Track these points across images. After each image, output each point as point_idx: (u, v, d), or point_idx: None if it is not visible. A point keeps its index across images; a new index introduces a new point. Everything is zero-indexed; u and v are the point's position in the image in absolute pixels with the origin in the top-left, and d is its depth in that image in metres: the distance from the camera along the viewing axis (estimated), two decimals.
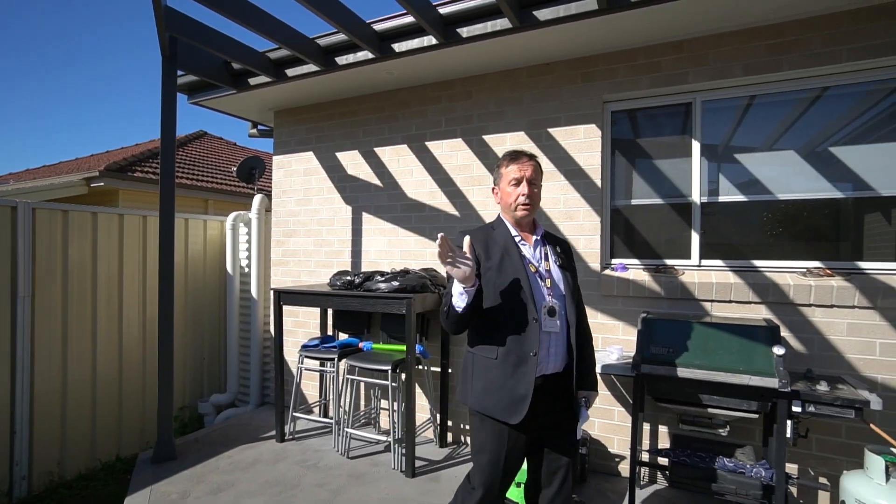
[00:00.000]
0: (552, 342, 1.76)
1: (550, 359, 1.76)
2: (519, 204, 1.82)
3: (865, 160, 2.80)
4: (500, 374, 1.73)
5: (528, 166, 1.84)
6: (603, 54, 3.24)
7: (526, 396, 1.68)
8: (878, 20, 2.61)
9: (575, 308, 1.84)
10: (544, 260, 1.86)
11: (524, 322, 1.72)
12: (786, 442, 2.35)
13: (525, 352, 1.71)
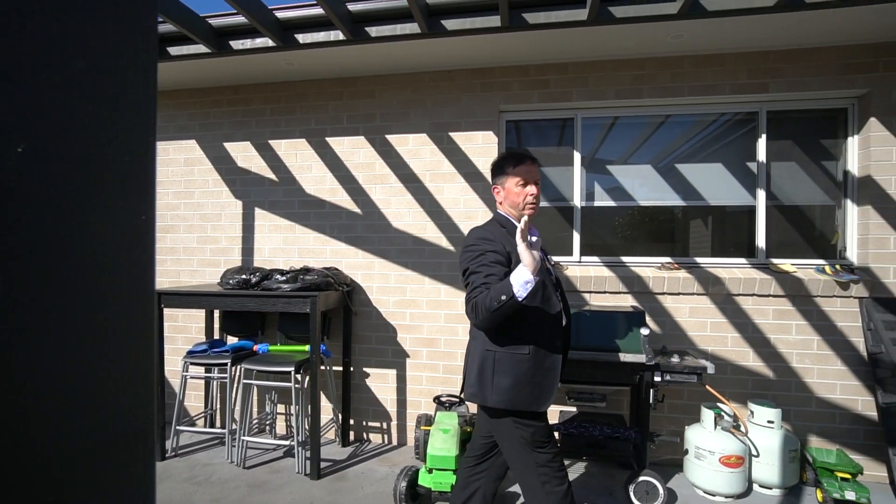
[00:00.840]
0: (562, 340, 1.96)
1: (561, 358, 1.95)
2: (527, 204, 1.93)
3: (696, 176, 3.48)
4: (530, 368, 1.82)
5: (534, 169, 1.97)
6: (500, 67, 3.52)
7: (554, 386, 1.87)
8: (706, 66, 3.27)
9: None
10: (548, 262, 2.02)
11: (551, 316, 1.85)
12: (649, 407, 2.84)
13: (554, 344, 1.87)
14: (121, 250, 0.30)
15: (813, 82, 3.19)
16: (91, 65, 0.29)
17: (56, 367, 0.27)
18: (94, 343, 0.29)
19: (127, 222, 0.30)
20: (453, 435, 2.76)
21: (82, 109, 0.29)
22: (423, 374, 3.63)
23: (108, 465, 0.29)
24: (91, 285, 0.28)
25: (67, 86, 0.28)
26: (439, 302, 3.59)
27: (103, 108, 0.30)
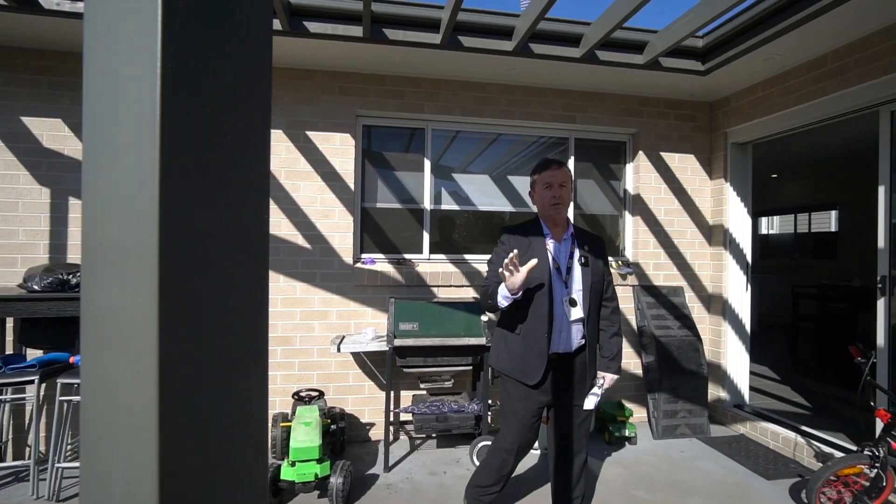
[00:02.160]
0: (566, 327, 2.18)
1: (562, 341, 2.18)
2: (550, 204, 2.18)
3: (523, 186, 4.16)
4: (520, 346, 2.19)
5: (559, 172, 2.20)
6: (359, 74, 3.68)
7: (539, 366, 2.14)
8: (533, 97, 3.95)
9: (598, 300, 2.26)
10: (569, 257, 2.23)
11: (542, 309, 2.14)
12: (488, 383, 3.33)
13: (540, 332, 2.14)
14: (245, 245, 0.43)
15: (604, 119, 4.10)
16: (227, 80, 0.42)
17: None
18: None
19: (252, 220, 0.43)
20: (315, 427, 2.84)
21: (227, 123, 0.42)
22: (278, 373, 3.58)
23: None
24: (229, 278, 0.41)
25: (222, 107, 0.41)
26: (294, 300, 3.59)
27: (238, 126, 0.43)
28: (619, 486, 3.02)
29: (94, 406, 0.37)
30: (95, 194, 0.37)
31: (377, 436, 3.71)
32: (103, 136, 0.37)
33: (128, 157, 0.35)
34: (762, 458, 3.40)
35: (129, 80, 0.36)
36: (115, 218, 0.35)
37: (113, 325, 0.36)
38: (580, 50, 3.34)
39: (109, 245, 0.36)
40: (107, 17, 0.38)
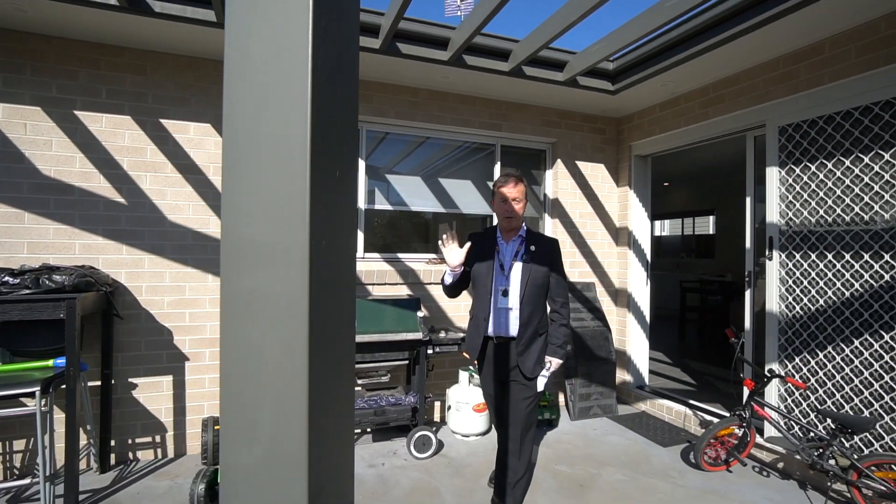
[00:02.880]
0: (504, 315, 2.52)
1: (501, 326, 2.52)
2: (503, 216, 2.55)
3: (452, 188, 4.39)
4: (471, 328, 2.66)
5: (514, 189, 2.51)
6: None
7: (478, 345, 2.59)
8: (464, 104, 4.19)
9: (536, 291, 2.51)
10: (513, 255, 2.56)
11: (484, 298, 2.56)
12: (424, 375, 3.50)
13: (480, 317, 2.57)
14: (344, 240, 0.54)
15: (527, 129, 4.45)
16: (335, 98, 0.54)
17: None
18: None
19: (349, 220, 0.54)
20: None
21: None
22: (207, 376, 3.45)
23: None
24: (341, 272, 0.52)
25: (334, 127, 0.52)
26: None
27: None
28: (543, 464, 3.34)
29: (235, 365, 0.48)
30: (236, 201, 0.47)
31: None
32: (250, 152, 0.48)
33: (280, 168, 0.47)
34: (659, 430, 3.94)
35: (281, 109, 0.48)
36: (261, 220, 0.47)
37: (257, 304, 0.47)
38: (509, 64, 3.62)
39: (253, 242, 0.47)
40: (257, 30, 0.49)
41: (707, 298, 7.35)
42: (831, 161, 3.01)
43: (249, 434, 0.48)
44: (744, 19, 2.90)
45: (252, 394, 0.48)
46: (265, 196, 0.48)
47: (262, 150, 0.49)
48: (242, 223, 0.49)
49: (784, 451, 3.18)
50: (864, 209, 2.85)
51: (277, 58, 0.49)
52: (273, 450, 0.48)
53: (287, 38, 0.49)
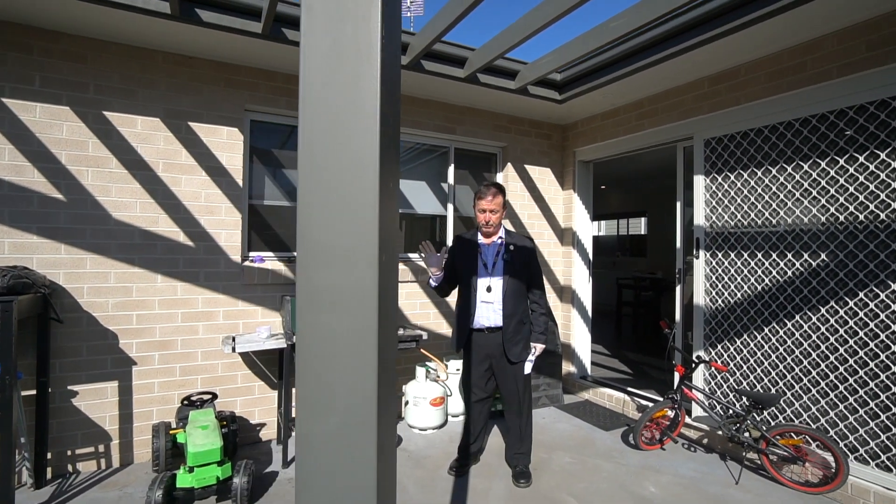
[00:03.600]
0: (486, 309, 2.90)
1: (487, 319, 2.90)
2: (481, 225, 2.95)
3: (408, 189, 4.48)
4: (455, 322, 3.01)
5: (491, 202, 2.89)
6: (246, 67, 3.58)
7: (463, 337, 2.96)
8: (417, 107, 4.29)
9: (516, 287, 2.90)
10: (495, 255, 2.93)
11: (469, 294, 2.92)
12: None
13: (467, 311, 2.91)
14: (391, 242, 0.63)
15: (479, 133, 4.63)
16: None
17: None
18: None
19: (393, 226, 0.63)
20: (214, 429, 2.77)
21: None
22: (156, 381, 3.32)
23: None
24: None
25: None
26: (175, 301, 3.37)
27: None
28: (500, 452, 3.52)
29: (313, 348, 0.57)
30: (312, 212, 0.56)
31: (268, 436, 3.68)
32: (326, 170, 0.57)
33: (353, 180, 0.56)
34: (601, 416, 4.26)
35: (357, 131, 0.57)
36: (338, 227, 0.56)
37: (333, 298, 0.56)
38: (465, 71, 3.77)
39: (329, 246, 0.56)
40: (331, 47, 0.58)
41: (640, 294, 7.94)
42: (747, 172, 3.43)
43: (327, 407, 0.58)
44: (674, 44, 3.24)
45: (329, 373, 0.58)
46: (341, 207, 0.57)
47: (337, 167, 0.58)
48: (318, 231, 0.58)
49: (708, 428, 3.58)
50: (772, 214, 3.28)
51: (353, 85, 0.59)
52: (348, 418, 0.58)
53: (360, 65, 0.59)
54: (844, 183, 2.93)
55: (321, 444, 0.58)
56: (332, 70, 0.59)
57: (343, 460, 0.58)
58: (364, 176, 0.57)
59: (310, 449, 0.58)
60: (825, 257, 3.01)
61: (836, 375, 2.95)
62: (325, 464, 0.58)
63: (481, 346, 2.95)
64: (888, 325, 2.73)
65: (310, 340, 0.58)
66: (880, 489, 2.72)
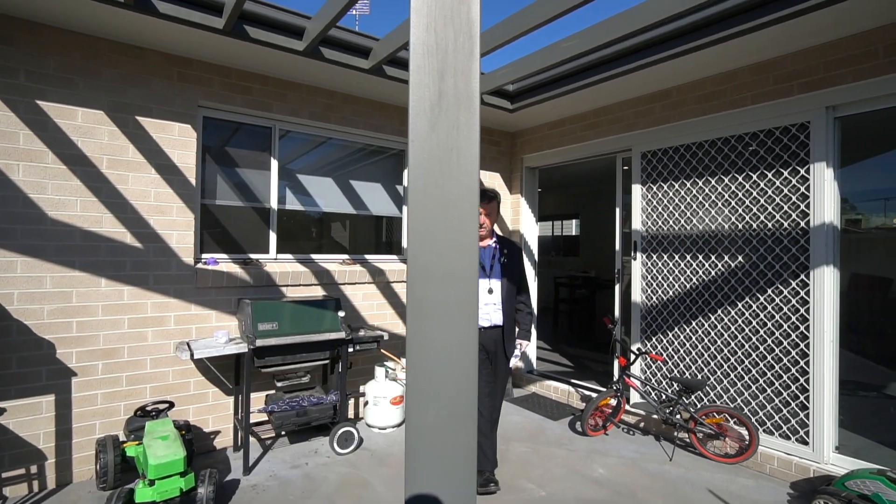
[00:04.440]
0: (488, 309, 3.00)
1: (490, 319, 3.00)
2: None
3: (363, 191, 4.51)
4: None
5: (483, 205, 2.96)
6: (200, 61, 3.44)
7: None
8: (376, 110, 4.33)
9: (512, 288, 3.04)
10: (491, 258, 3.05)
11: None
12: (346, 373, 3.60)
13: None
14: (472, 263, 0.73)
15: None
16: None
17: None
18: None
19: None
20: (175, 439, 2.66)
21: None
22: (99, 392, 3.10)
23: None
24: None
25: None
26: (122, 306, 3.17)
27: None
28: None
29: (421, 352, 0.67)
30: (421, 238, 0.66)
31: (223, 444, 3.56)
32: (433, 201, 0.67)
33: (456, 211, 0.67)
34: (549, 407, 4.57)
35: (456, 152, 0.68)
36: (444, 251, 0.66)
37: (436, 308, 0.66)
38: None
39: (434, 267, 0.66)
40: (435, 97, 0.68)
41: (575, 292, 8.49)
42: (678, 183, 3.86)
43: (434, 401, 0.68)
44: (616, 65, 3.57)
45: (435, 372, 0.68)
46: (446, 234, 0.68)
47: (442, 199, 0.69)
48: (426, 254, 0.68)
49: (644, 413, 3.98)
50: (699, 221, 3.73)
51: (455, 129, 0.69)
52: (451, 411, 0.68)
53: (461, 113, 0.70)
54: (756, 195, 3.40)
55: (428, 435, 0.68)
56: (436, 117, 0.69)
57: (447, 444, 0.68)
58: (464, 208, 0.68)
59: (418, 439, 0.68)
60: (741, 259, 3.48)
61: (749, 361, 3.42)
62: (432, 448, 0.68)
63: (481, 342, 3.05)
64: (789, 317, 3.22)
65: (419, 344, 0.68)
66: (782, 454, 3.20)
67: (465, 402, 0.69)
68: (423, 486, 0.68)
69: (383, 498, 2.91)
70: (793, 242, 3.22)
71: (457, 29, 0.70)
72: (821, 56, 3.02)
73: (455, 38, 0.70)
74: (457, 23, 0.70)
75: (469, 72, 0.70)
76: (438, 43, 0.69)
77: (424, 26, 0.69)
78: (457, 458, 0.68)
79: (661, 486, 3.10)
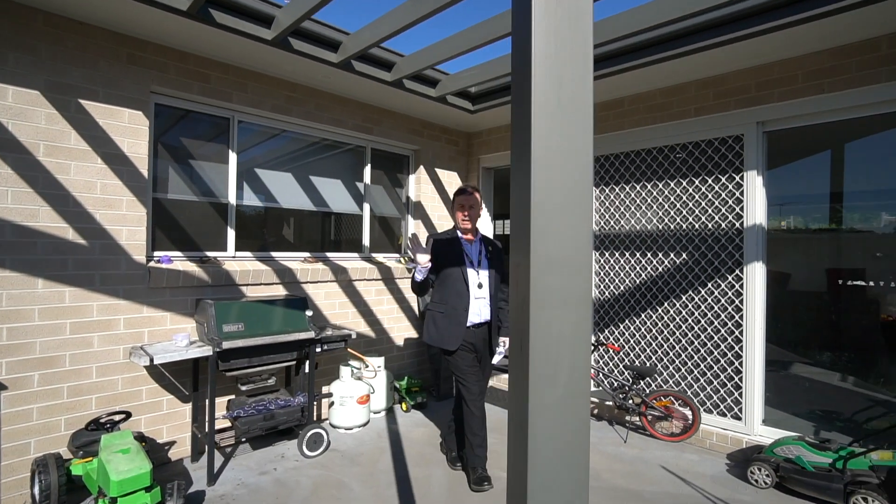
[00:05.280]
0: (479, 305, 3.02)
1: (480, 314, 3.03)
2: (461, 220, 3.09)
3: (324, 187, 4.40)
4: (444, 322, 2.99)
5: (469, 198, 3.08)
6: (155, 44, 3.18)
7: (458, 334, 2.95)
8: (338, 105, 4.25)
9: (497, 284, 3.08)
10: (479, 254, 3.09)
11: (460, 291, 2.97)
12: (314, 374, 3.50)
13: (461, 309, 2.97)
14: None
15: (395, 135, 4.75)
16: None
17: None
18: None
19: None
20: (137, 451, 2.46)
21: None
22: (35, 406, 2.78)
23: None
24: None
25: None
26: (63, 310, 2.86)
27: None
28: (429, 440, 3.72)
29: (542, 336, 0.72)
30: (543, 227, 0.72)
31: (179, 455, 3.32)
32: (553, 197, 0.72)
33: (574, 207, 0.73)
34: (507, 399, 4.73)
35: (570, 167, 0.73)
36: (563, 242, 0.72)
37: (558, 300, 0.72)
38: (392, 76, 3.87)
39: (554, 257, 0.72)
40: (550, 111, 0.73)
41: None
42: (629, 185, 4.17)
43: (552, 381, 0.74)
44: None
45: (554, 354, 0.74)
46: (565, 228, 0.74)
47: (562, 197, 0.75)
48: (547, 245, 0.74)
49: (598, 400, 4.26)
50: (647, 221, 4.06)
51: (572, 138, 0.75)
52: (569, 390, 0.74)
53: (577, 122, 0.76)
54: (699, 199, 3.77)
55: (548, 413, 0.74)
56: (557, 125, 0.75)
57: (565, 422, 0.75)
58: (581, 204, 0.75)
59: (539, 417, 0.74)
60: (685, 256, 3.84)
61: (692, 348, 3.79)
62: (551, 426, 0.74)
63: (470, 340, 3.05)
64: (725, 308, 3.61)
65: (541, 330, 0.73)
66: (719, 430, 3.59)
67: (581, 381, 0.75)
68: (544, 461, 0.73)
69: (361, 497, 2.88)
70: (729, 241, 3.61)
71: (574, 39, 0.76)
72: (755, 77, 3.42)
73: (573, 47, 0.75)
74: (574, 32, 0.76)
75: (583, 80, 0.76)
76: (558, 52, 0.75)
77: (544, 36, 0.74)
78: (572, 434, 0.75)
79: (620, 466, 3.35)
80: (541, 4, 0.73)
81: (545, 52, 0.74)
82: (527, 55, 0.76)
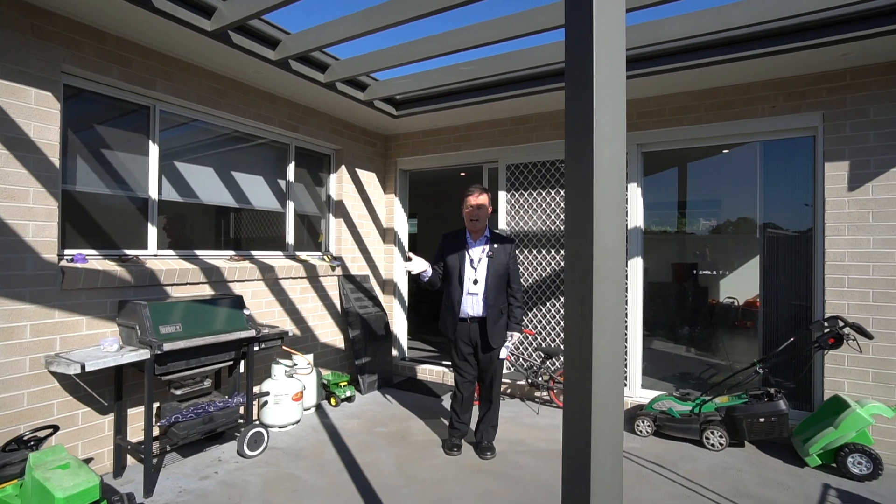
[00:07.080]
0: (475, 300, 3.27)
1: (472, 309, 3.28)
2: (469, 219, 3.31)
3: (246, 184, 4.28)
4: (446, 314, 3.39)
5: (478, 197, 3.28)
6: (67, 18, 2.87)
7: (454, 325, 3.32)
8: (265, 100, 4.17)
9: (500, 281, 3.27)
10: (481, 251, 3.29)
11: (456, 286, 3.30)
12: (252, 373, 3.45)
13: (454, 302, 3.30)
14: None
15: (318, 133, 4.78)
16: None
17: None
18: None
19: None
20: (79, 465, 2.27)
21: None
22: None
23: None
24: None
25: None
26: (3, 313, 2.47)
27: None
28: (365, 430, 3.89)
29: (600, 300, 1.07)
30: (602, 225, 1.07)
31: (100, 471, 3.03)
32: (610, 196, 1.08)
33: (607, 229, 1.09)
34: (429, 388, 5.07)
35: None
36: (615, 233, 1.08)
37: (610, 276, 1.08)
38: (326, 77, 3.95)
39: (607, 246, 1.08)
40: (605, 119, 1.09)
41: None
42: (535, 191, 4.80)
43: (602, 329, 1.10)
44: (493, 92, 4.25)
45: (603, 312, 1.10)
46: (612, 223, 1.11)
47: (613, 195, 1.11)
48: (603, 240, 1.10)
49: (510, 380, 4.82)
50: (551, 223, 4.72)
51: (612, 123, 1.12)
52: (612, 336, 1.11)
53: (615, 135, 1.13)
54: None
55: (602, 351, 1.10)
56: (609, 135, 1.11)
57: (610, 359, 1.12)
58: (614, 197, 1.12)
59: (597, 354, 1.10)
60: None
61: None
62: (603, 362, 1.11)
63: (466, 334, 3.29)
64: None
65: (600, 296, 1.09)
66: None
67: (618, 332, 1.13)
68: (602, 387, 1.09)
69: (317, 486, 2.98)
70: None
71: (611, 55, 1.11)
72: (637, 108, 4.24)
73: (609, 62, 1.11)
74: (612, 49, 1.11)
75: (618, 97, 1.13)
76: (598, 67, 1.10)
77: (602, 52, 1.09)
78: (615, 365, 1.12)
79: (539, 433, 3.91)
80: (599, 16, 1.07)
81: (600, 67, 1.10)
82: (589, 71, 1.10)
